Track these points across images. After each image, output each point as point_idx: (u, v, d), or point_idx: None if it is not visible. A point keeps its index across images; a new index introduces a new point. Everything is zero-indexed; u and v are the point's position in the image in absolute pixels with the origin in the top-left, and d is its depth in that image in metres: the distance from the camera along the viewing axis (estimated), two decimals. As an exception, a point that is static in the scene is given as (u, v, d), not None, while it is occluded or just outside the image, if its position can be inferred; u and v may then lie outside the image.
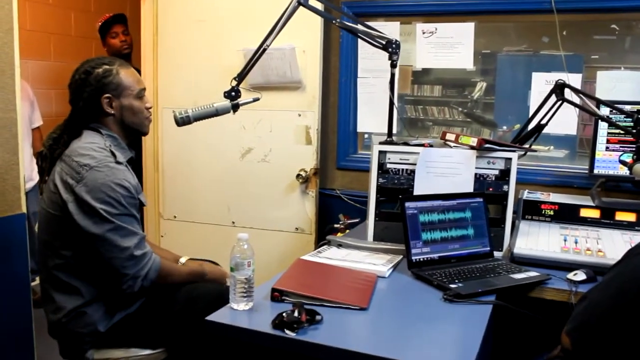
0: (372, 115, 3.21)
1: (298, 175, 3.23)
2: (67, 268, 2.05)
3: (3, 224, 2.53)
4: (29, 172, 3.84)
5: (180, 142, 3.54)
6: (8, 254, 2.56)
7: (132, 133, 2.22)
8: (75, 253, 2.03)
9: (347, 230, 2.85)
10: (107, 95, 2.10)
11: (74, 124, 2.14)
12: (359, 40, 3.05)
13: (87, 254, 2.01)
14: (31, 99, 4.10)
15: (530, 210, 2.46)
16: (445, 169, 2.35)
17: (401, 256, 2.22)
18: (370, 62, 3.17)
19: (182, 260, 2.41)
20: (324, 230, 3.10)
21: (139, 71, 3.59)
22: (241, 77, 2.35)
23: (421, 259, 2.11)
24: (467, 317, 1.72)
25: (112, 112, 2.13)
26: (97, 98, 2.10)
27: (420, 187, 2.36)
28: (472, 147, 2.35)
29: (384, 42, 2.51)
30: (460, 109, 3.84)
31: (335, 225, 2.92)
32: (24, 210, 2.62)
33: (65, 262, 2.05)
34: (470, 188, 2.33)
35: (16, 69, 2.55)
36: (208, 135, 3.42)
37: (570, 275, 2.04)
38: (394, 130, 2.66)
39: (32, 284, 2.78)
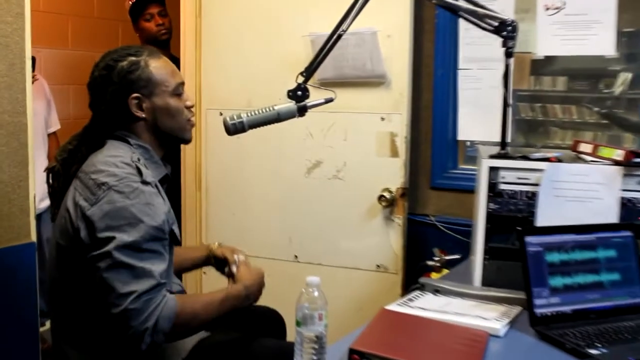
0: (477, 118, 3.17)
1: (381, 197, 3.21)
2: (82, 316, 2.06)
3: (8, 256, 2.59)
4: (43, 188, 3.94)
5: (229, 154, 3.58)
6: (13, 292, 2.61)
7: (170, 141, 2.23)
8: (91, 297, 2.02)
9: (446, 270, 2.82)
10: (135, 94, 2.12)
11: (94, 133, 2.16)
12: (461, 21, 3.02)
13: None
14: (47, 97, 4.23)
15: (700, 249, 2.35)
16: (579, 191, 2.29)
17: (520, 308, 2.15)
18: (476, 49, 3.14)
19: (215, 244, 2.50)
20: (415, 269, 3.08)
21: (178, 62, 3.64)
22: (310, 71, 2.34)
23: (548, 313, 2.04)
24: (615, 396, 1.64)
25: (143, 115, 2.14)
26: (123, 99, 2.11)
27: (545, 216, 2.30)
28: (616, 162, 2.28)
29: (495, 24, 2.46)
30: (595, 108, 3.72)
31: (429, 263, 2.91)
32: (34, 238, 2.68)
33: (79, 308, 2.06)
34: (614, 218, 2.26)
35: (27, 60, 2.63)
36: (265, 144, 3.44)
37: None
38: (508, 138, 2.59)
39: (41, 329, 2.83)
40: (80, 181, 2.06)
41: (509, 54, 2.48)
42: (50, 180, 2.23)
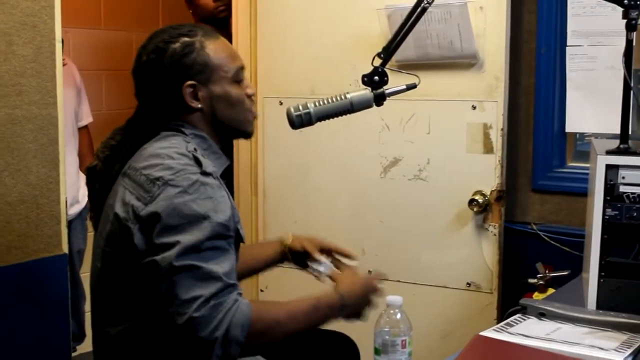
0: (590, 105, 3.14)
1: (472, 201, 3.20)
2: (135, 336, 2.09)
3: (36, 270, 2.63)
4: (73, 191, 4.02)
5: (290, 151, 3.62)
6: (42, 312, 2.65)
7: (230, 135, 2.28)
8: (145, 312, 2.06)
9: (551, 290, 2.80)
10: (190, 82, 2.15)
11: (141, 127, 2.21)
12: (570, -13, 3.00)
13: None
14: (78, 85, 4.29)
15: None
16: None
17: (645, 336, 2.12)
18: (589, 21, 3.10)
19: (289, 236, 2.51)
20: (513, 287, 3.07)
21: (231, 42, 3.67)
22: (389, 51, 2.33)
23: (681, 343, 2.00)
24: None
25: (199, 106, 2.17)
26: (176, 87, 2.14)
27: (676, 224, 2.25)
28: None
29: (615, -10, 2.43)
30: None
31: (531, 281, 2.89)
32: (65, 249, 2.72)
33: (131, 326, 2.08)
34: None
35: (57, 43, 2.67)
36: (332, 139, 3.47)
37: None
38: (629, 130, 2.55)
39: (73, 354, 2.87)
40: (130, 178, 2.09)
41: (631, 27, 2.43)
42: (91, 182, 2.26)
